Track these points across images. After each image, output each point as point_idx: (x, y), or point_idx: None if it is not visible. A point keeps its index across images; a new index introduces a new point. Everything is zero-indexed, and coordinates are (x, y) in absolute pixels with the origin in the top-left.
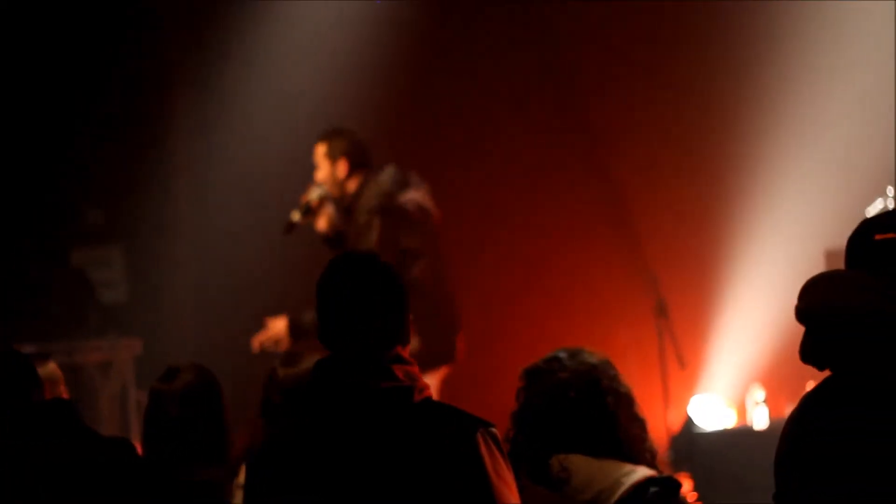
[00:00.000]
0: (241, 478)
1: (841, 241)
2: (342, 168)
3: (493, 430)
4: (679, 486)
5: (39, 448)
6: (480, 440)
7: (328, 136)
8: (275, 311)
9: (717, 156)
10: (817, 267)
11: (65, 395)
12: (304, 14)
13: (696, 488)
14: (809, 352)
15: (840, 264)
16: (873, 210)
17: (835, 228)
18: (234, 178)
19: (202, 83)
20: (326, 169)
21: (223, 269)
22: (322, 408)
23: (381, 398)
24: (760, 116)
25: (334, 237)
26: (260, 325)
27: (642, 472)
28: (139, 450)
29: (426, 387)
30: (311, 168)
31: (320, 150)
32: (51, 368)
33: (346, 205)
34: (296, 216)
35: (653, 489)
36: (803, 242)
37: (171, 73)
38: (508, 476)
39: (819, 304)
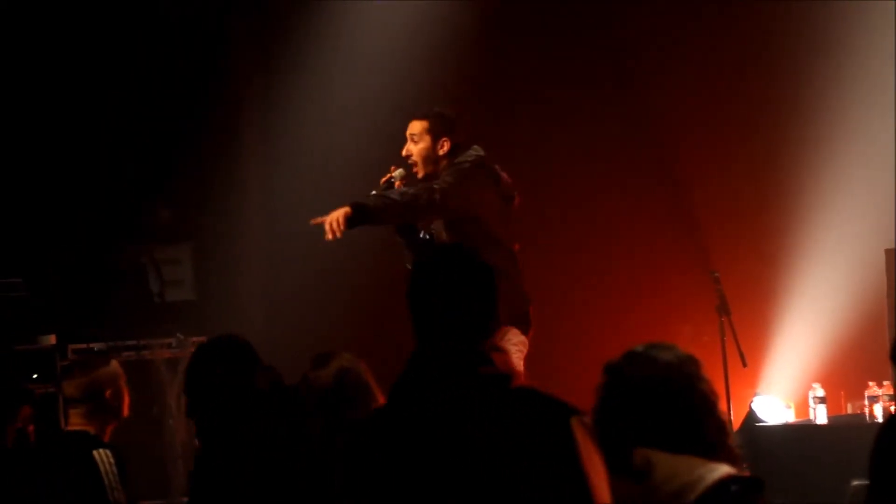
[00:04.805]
0: None
1: None
2: (445, 146)
3: (587, 418)
4: (762, 486)
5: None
6: (575, 426)
7: (432, 112)
8: (343, 310)
9: (780, 157)
10: (877, 266)
11: (125, 392)
12: (374, 16)
13: None
14: None
15: None
16: None
17: (894, 228)
18: (302, 177)
19: (272, 84)
20: (426, 144)
21: (291, 267)
22: (424, 395)
23: (482, 384)
24: (821, 117)
25: None
26: (328, 322)
27: (724, 469)
28: None
29: (520, 374)
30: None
31: (421, 126)
32: (113, 367)
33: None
34: (376, 192)
35: (734, 487)
36: (863, 242)
37: (242, 75)
38: (600, 463)
39: None
